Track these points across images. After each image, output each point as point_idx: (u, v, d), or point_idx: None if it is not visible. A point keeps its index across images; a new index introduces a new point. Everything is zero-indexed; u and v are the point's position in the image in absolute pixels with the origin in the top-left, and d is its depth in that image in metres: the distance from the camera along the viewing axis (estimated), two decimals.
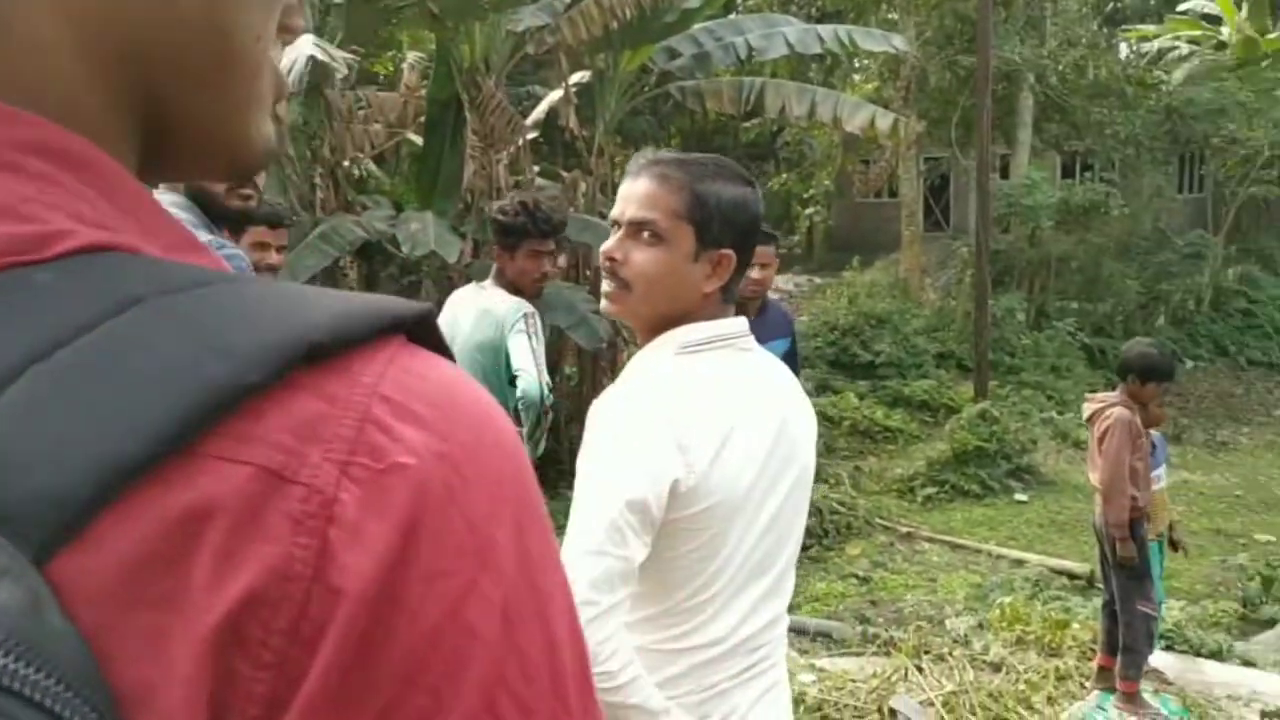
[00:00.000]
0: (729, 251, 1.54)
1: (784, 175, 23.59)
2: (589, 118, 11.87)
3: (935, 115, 18.27)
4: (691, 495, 1.43)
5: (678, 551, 1.46)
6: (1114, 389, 4.77)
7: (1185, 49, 22.66)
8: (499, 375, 3.44)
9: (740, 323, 1.60)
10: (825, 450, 12.15)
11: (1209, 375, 17.29)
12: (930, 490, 11.28)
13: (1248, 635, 7.41)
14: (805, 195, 23.23)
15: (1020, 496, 11.30)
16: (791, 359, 4.24)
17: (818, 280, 20.81)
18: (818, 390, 13.84)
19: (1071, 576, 8.55)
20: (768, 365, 1.65)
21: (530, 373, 3.23)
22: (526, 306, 3.43)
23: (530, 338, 3.33)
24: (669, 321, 1.56)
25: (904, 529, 10.26)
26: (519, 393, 3.27)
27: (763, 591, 1.55)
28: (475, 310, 3.51)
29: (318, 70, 8.02)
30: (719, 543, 1.47)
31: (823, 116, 10.50)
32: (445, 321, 3.63)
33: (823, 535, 9.94)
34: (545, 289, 3.92)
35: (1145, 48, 23.23)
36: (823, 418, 12.86)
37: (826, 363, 14.72)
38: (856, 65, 21.93)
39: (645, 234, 1.54)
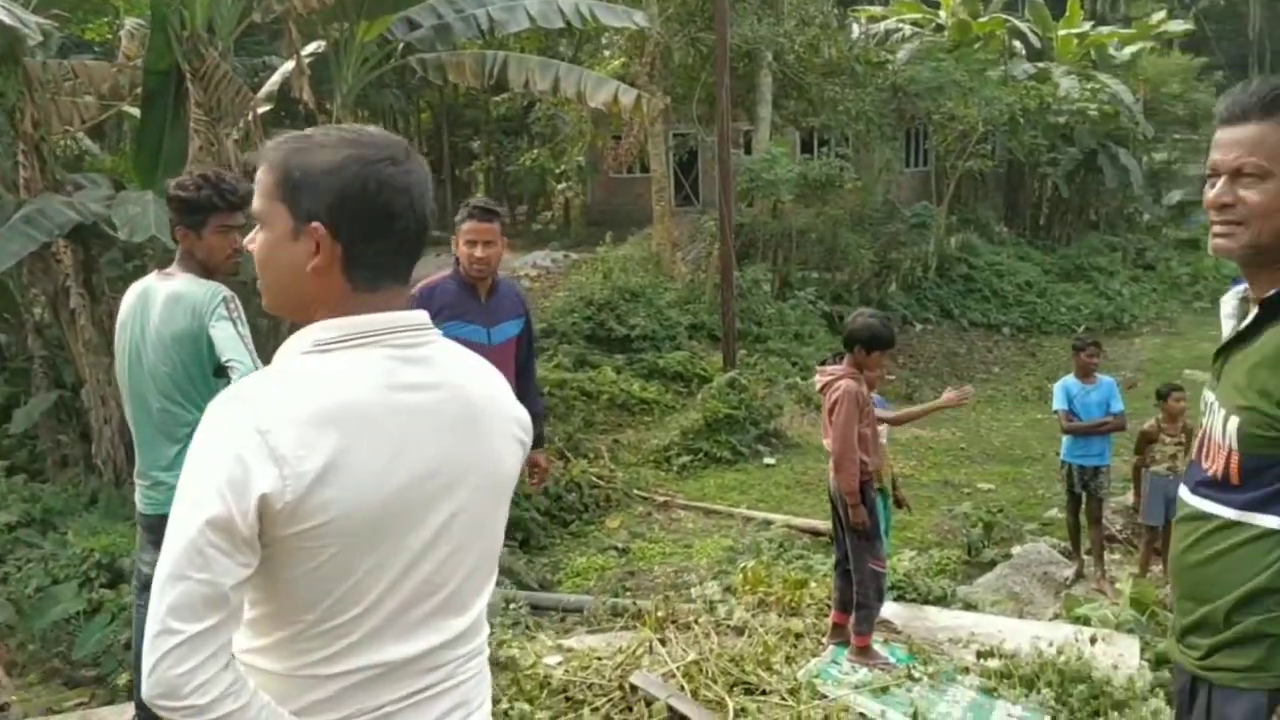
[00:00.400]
0: (317, 224, 1.39)
1: (536, 151, 23.52)
2: (328, 90, 11.39)
3: (680, 92, 18.68)
4: (295, 511, 1.30)
5: (298, 571, 1.34)
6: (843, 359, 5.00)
7: (908, 30, 24.27)
8: (201, 367, 3.19)
9: (399, 317, 1.45)
10: (585, 425, 12.25)
11: (936, 336, 18.63)
12: (685, 459, 11.57)
13: (971, 579, 8.03)
14: (558, 171, 23.25)
15: (769, 460, 11.78)
16: (526, 340, 4.19)
17: (574, 256, 20.90)
18: (576, 365, 13.94)
19: (816, 534, 8.99)
20: (443, 362, 1.49)
21: (244, 362, 3.01)
22: (224, 290, 3.19)
23: (235, 324, 3.10)
24: (301, 312, 1.44)
25: (661, 498, 10.48)
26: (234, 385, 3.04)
27: (433, 609, 1.44)
28: (164, 299, 3.22)
29: (7, 35, 7.25)
30: (349, 561, 1.35)
31: (567, 91, 10.48)
32: (128, 315, 3.33)
33: (583, 510, 10.02)
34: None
35: (874, 29, 24.68)
36: (581, 393, 12.99)
37: (584, 338, 14.82)
38: (605, 42, 22.14)
39: (259, 222, 1.46)
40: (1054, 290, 20.60)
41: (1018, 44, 25.30)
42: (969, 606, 6.23)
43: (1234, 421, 1.89)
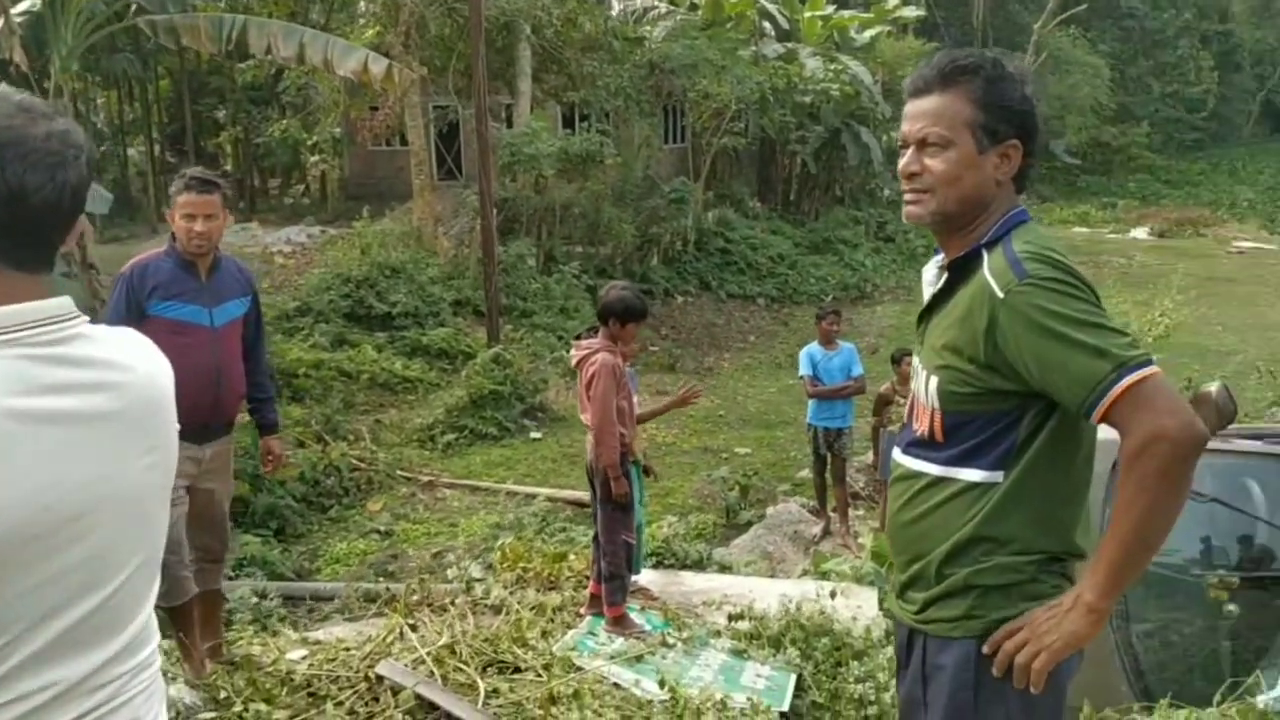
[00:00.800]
0: None
1: (286, 121, 22.43)
2: (47, 53, 10.45)
3: (438, 64, 18.27)
4: None
5: None
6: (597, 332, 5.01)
7: (664, 8, 24.63)
8: None
9: (26, 309, 1.26)
10: (344, 406, 11.87)
11: (696, 308, 19.15)
12: (450, 437, 11.41)
13: (729, 541, 8.32)
14: (311, 142, 22.29)
15: (535, 434, 11.80)
16: (255, 320, 3.95)
17: (331, 231, 20.16)
18: (334, 345, 13.47)
19: (581, 505, 9.07)
20: (94, 356, 1.32)
21: None
22: None
23: None
24: None
25: (425, 478, 10.30)
26: None
27: (95, 626, 1.30)
28: None
29: None
30: None
31: (313, 59, 10.01)
32: None
33: (343, 494, 9.73)
34: None
35: (630, 5, 24.91)
36: (339, 373, 12.56)
37: (342, 316, 14.34)
38: (362, 10, 21.38)
39: None
40: (804, 262, 21.56)
41: (767, 25, 26.20)
42: (724, 568, 6.44)
43: (934, 381, 1.99)
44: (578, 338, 5.14)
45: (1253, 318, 18.18)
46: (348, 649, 3.74)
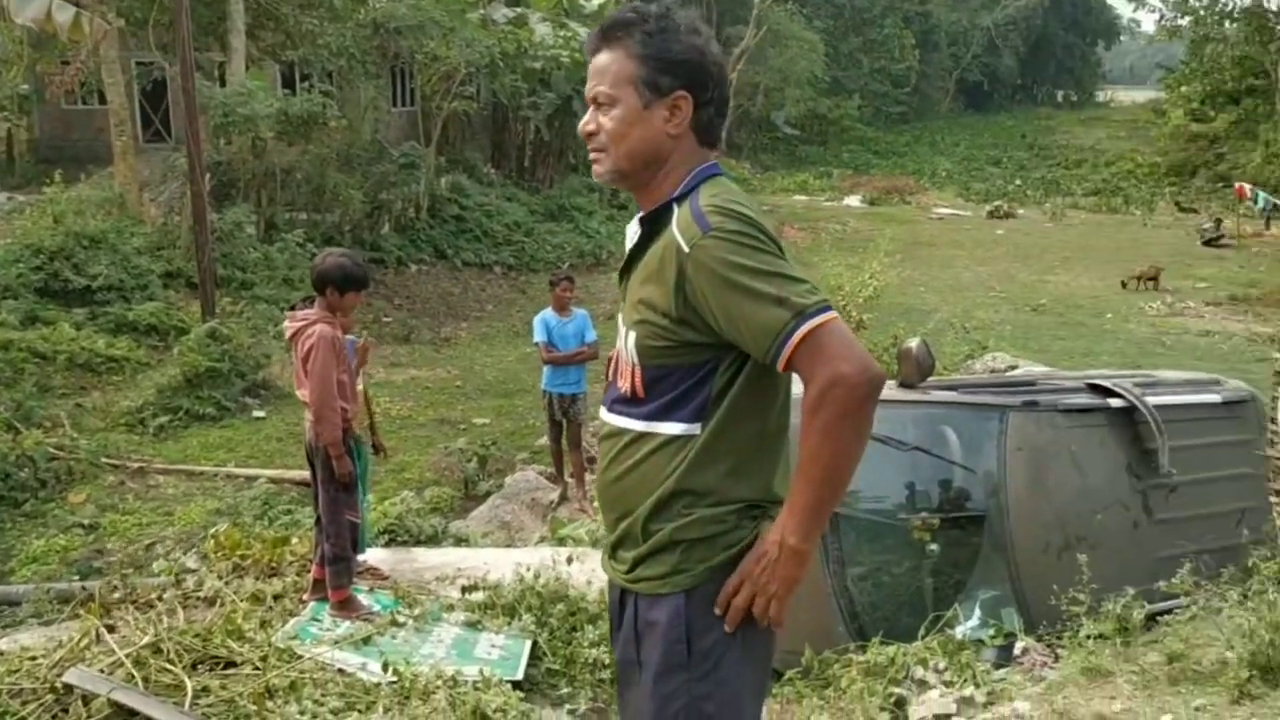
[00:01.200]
0: None
1: None
2: None
3: (139, 16, 16.85)
4: None
5: None
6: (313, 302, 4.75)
7: None
8: None
9: None
10: (38, 390, 10.83)
11: (431, 277, 18.75)
12: (163, 419, 10.63)
13: (467, 513, 8.20)
14: None
15: (258, 413, 11.20)
16: None
17: (20, 198, 18.29)
18: (25, 323, 12.22)
19: (307, 485, 8.67)
20: None
21: None
22: None
23: None
24: None
25: (135, 464, 9.55)
26: None
27: None
28: None
29: None
30: None
31: None
32: None
33: (39, 487, 8.90)
34: None
35: None
36: (33, 354, 11.43)
37: (34, 291, 13.01)
38: None
39: None
40: (540, 230, 21.53)
41: None
42: (460, 541, 6.33)
43: (632, 336, 1.98)
44: (292, 308, 4.88)
45: (950, 278, 19.82)
46: (34, 658, 3.38)
